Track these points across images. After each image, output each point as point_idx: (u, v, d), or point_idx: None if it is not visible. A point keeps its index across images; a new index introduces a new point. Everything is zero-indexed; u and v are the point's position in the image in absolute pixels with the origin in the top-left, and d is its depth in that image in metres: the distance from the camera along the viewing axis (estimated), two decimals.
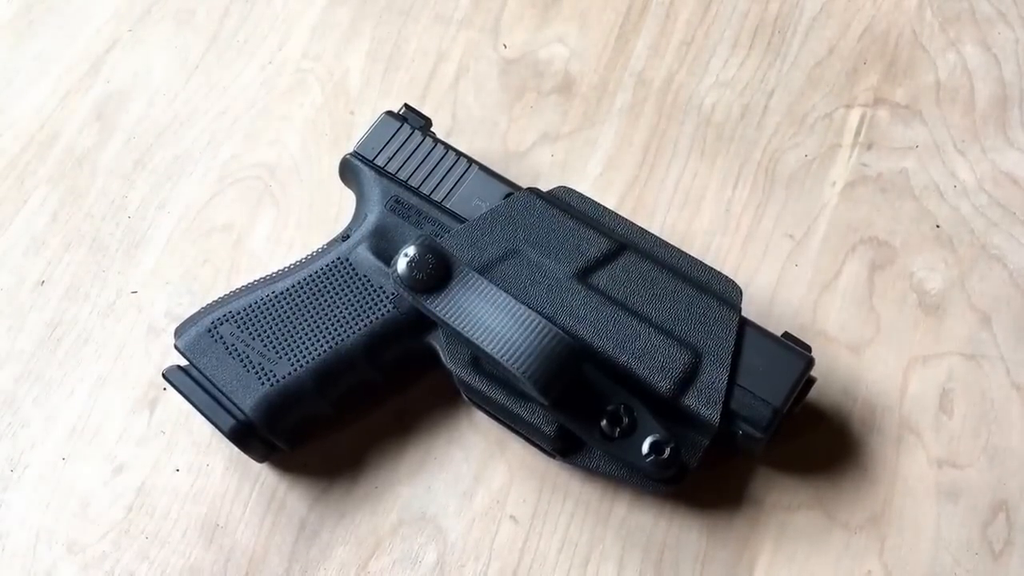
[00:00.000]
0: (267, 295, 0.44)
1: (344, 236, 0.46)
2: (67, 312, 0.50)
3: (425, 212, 0.46)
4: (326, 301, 0.44)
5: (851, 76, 0.55)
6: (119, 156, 0.54)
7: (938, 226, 0.51)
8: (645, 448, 0.41)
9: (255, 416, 0.42)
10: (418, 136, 0.48)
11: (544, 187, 0.47)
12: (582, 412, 0.42)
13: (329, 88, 0.56)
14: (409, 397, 0.47)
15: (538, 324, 0.40)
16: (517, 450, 0.46)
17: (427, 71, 0.56)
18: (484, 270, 0.43)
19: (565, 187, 0.47)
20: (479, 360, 0.43)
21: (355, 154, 0.48)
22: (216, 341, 0.44)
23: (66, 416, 0.48)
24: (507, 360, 0.40)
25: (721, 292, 0.44)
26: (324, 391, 0.44)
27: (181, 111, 0.55)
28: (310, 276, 0.45)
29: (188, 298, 0.50)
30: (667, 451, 0.41)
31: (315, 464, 0.46)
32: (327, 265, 0.45)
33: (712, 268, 0.45)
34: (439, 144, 0.47)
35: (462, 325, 0.41)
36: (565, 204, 0.46)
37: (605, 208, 0.46)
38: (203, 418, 0.43)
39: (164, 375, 0.44)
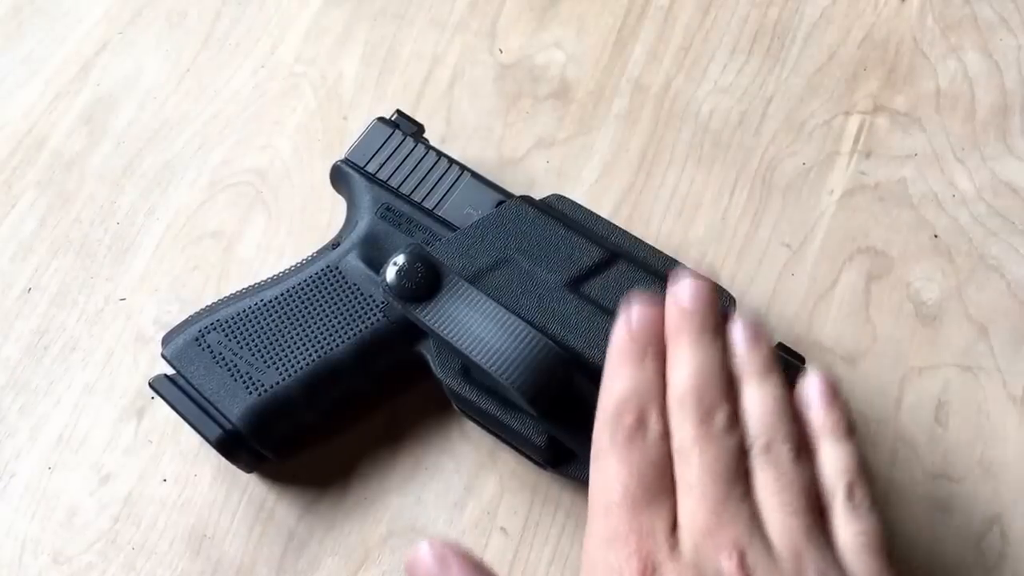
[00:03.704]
0: (255, 303, 0.44)
1: (334, 244, 0.46)
2: (54, 319, 0.50)
3: (416, 220, 0.45)
4: (315, 310, 0.44)
5: (851, 83, 0.54)
6: (108, 161, 0.54)
7: (936, 236, 0.50)
8: None
9: (243, 426, 0.42)
10: (410, 143, 0.47)
11: (539, 194, 0.47)
12: (573, 422, 0.41)
13: (322, 93, 0.55)
14: (399, 407, 0.47)
15: (527, 334, 0.40)
16: (508, 461, 0.46)
17: (422, 76, 0.56)
18: (475, 279, 0.43)
19: (558, 195, 0.46)
20: (469, 370, 0.42)
21: (346, 161, 0.47)
22: (204, 350, 0.43)
23: (52, 425, 0.47)
24: (495, 370, 0.39)
25: None
26: (313, 401, 0.43)
27: (172, 115, 0.55)
28: (299, 284, 0.44)
29: (177, 305, 0.50)
30: None
31: (304, 474, 0.46)
32: (316, 273, 0.44)
33: (706, 278, 0.44)
34: (431, 151, 0.47)
35: (451, 335, 0.41)
36: (558, 212, 0.46)
37: (598, 216, 0.46)
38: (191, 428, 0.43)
39: (151, 384, 0.43)
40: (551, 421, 0.41)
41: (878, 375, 0.47)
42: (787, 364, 0.42)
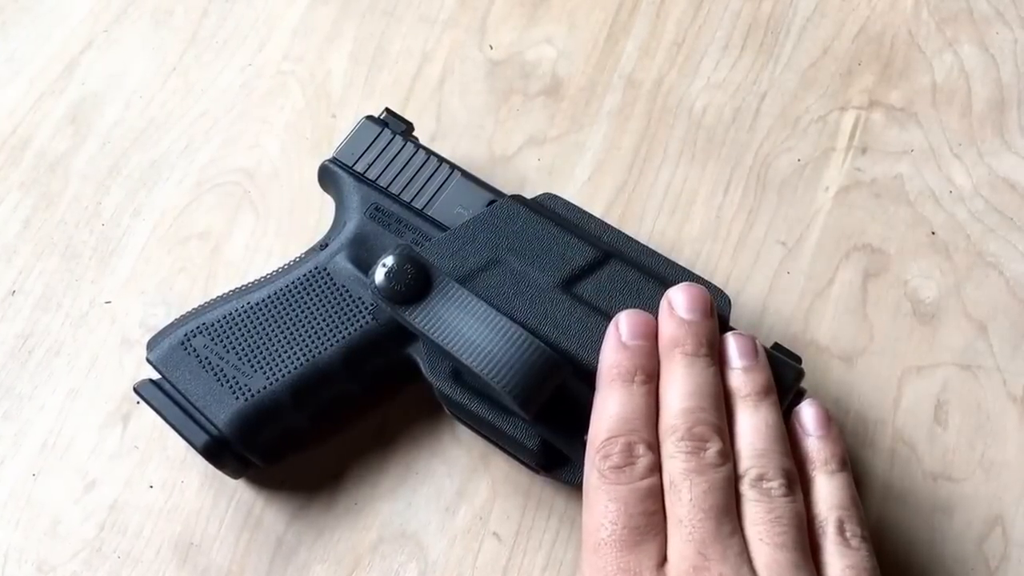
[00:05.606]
0: (242, 306, 0.43)
1: (322, 245, 0.45)
2: (39, 323, 0.49)
3: (406, 220, 0.45)
4: (303, 312, 0.43)
5: (845, 78, 0.54)
6: (93, 161, 0.53)
7: (933, 233, 0.50)
8: None
9: (229, 432, 0.41)
10: (399, 141, 0.46)
11: (530, 193, 0.46)
12: (566, 426, 0.40)
13: (310, 91, 0.54)
14: (390, 410, 0.46)
15: (519, 337, 0.39)
16: (501, 465, 0.45)
17: (411, 73, 0.55)
18: (465, 280, 0.42)
19: (550, 194, 0.46)
20: (461, 373, 0.42)
21: (334, 160, 0.46)
22: (189, 354, 0.42)
23: (37, 431, 0.46)
24: (487, 374, 0.39)
25: None
26: (301, 405, 0.42)
27: (158, 114, 0.54)
28: (286, 286, 0.44)
29: (163, 308, 0.49)
30: None
31: (293, 480, 0.45)
32: (304, 275, 0.44)
33: (700, 277, 0.44)
34: (420, 150, 0.46)
35: (441, 337, 0.40)
36: (550, 211, 0.45)
37: (591, 215, 0.45)
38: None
39: (135, 389, 0.42)
40: (543, 425, 0.40)
41: (876, 374, 0.47)
42: (783, 364, 0.41)
